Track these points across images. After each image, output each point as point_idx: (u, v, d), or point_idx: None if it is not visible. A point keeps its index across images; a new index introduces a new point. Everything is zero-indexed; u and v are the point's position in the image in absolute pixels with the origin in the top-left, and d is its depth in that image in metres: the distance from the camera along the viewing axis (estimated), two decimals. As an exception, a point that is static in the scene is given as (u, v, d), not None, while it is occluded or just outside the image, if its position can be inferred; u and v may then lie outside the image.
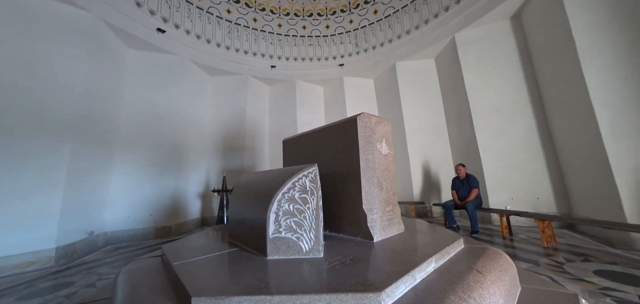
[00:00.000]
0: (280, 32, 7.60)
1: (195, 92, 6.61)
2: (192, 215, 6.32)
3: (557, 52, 4.04)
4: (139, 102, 5.53)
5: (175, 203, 5.81)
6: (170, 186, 5.72)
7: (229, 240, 2.23)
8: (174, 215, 5.70)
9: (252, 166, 7.27)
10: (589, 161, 3.70)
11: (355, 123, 2.16)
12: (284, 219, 1.67)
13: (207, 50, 6.44)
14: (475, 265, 1.54)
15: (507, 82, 5.01)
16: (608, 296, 2.01)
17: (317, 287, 1.12)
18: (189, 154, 6.32)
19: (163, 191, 5.60)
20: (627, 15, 3.24)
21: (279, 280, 1.25)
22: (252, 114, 7.36)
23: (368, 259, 1.55)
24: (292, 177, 1.71)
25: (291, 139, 3.16)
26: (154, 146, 5.56)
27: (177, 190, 5.89)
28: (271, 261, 1.56)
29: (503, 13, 4.99)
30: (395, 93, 6.92)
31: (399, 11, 6.75)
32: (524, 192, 4.72)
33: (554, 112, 4.41)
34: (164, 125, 5.74)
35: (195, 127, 6.59)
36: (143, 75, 5.64)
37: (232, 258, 1.70)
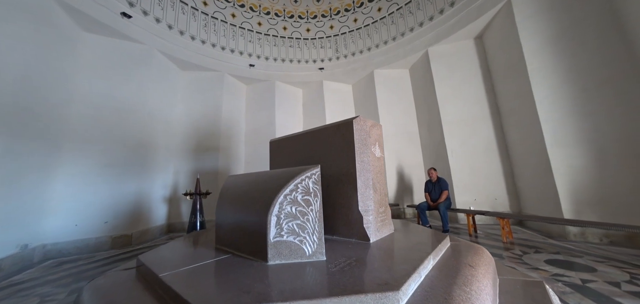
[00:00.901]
0: (260, 30, 7.40)
1: (165, 86, 6.05)
2: (156, 221, 5.73)
3: (511, 72, 4.65)
4: (95, 94, 4.86)
5: (137, 209, 5.20)
6: (132, 190, 5.11)
7: (216, 247, 2.09)
8: (135, 222, 5.09)
9: (227, 168, 6.89)
10: (535, 166, 4.32)
11: (351, 126, 2.20)
12: (286, 222, 1.61)
13: (179, 43, 5.96)
14: (466, 261, 1.68)
15: (471, 95, 5.60)
16: (559, 281, 2.36)
17: (335, 290, 1.11)
18: (156, 154, 5.75)
19: (123, 195, 4.98)
20: (567, 45, 3.89)
21: (291, 286, 1.20)
22: (228, 113, 7.00)
23: (372, 260, 1.58)
24: (295, 179, 1.67)
25: (279, 140, 3.09)
26: (113, 144, 4.93)
27: (141, 193, 5.29)
28: (273, 267, 1.50)
29: (468, 34, 5.58)
30: (373, 99, 7.22)
31: (378, 22, 7.10)
32: (485, 194, 5.30)
33: (509, 123, 5.05)
34: (126, 120, 5.13)
35: (164, 124, 6.03)
36: (102, 63, 4.98)
37: (228, 265, 1.59)
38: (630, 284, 2.24)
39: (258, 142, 7.59)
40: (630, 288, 2.17)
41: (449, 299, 1.12)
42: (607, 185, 3.54)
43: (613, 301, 1.96)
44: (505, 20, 4.65)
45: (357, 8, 7.40)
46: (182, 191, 6.32)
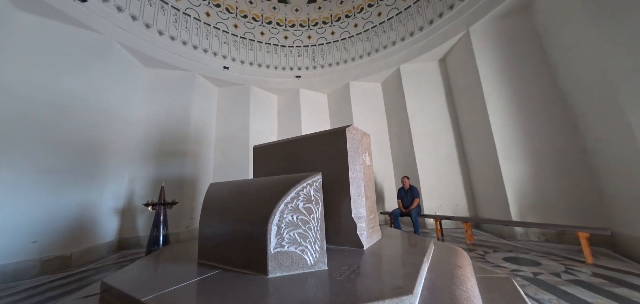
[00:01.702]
0: (236, 33, 7.15)
1: (125, 82, 5.38)
2: (104, 237, 4.93)
3: (470, 92, 5.32)
4: (29, 85, 4.07)
5: (79, 223, 4.42)
6: (74, 201, 4.34)
7: (200, 262, 1.89)
8: (75, 239, 4.30)
9: (195, 175, 6.35)
10: (489, 176, 4.95)
11: (344, 135, 2.25)
12: (287, 231, 1.56)
13: (145, 36, 5.40)
14: (453, 262, 1.82)
15: (436, 111, 6.22)
16: (517, 275, 2.70)
17: (353, 299, 1.10)
18: (109, 158, 5.02)
19: (61, 208, 4.19)
20: (512, 74, 4.63)
21: (304, 299, 1.16)
22: (198, 116, 6.51)
23: (374, 267, 1.62)
24: (296, 186, 1.63)
25: (265, 146, 2.99)
26: (51, 146, 4.15)
27: (85, 205, 4.52)
28: (275, 280, 1.42)
29: (434, 56, 6.24)
30: (348, 110, 7.49)
31: (354, 37, 7.48)
32: (448, 200, 5.85)
33: (467, 138, 5.73)
34: (73, 119, 4.40)
35: (122, 125, 5.32)
36: (42, 50, 4.22)
37: (221, 282, 1.45)
38: (567, 274, 2.68)
39: (229, 147, 7.20)
40: (567, 277, 2.60)
41: (454, 298, 1.21)
42: (543, 192, 4.24)
43: (558, 289, 2.32)
44: (464, 47, 5.33)
45: (335, 22, 7.69)
46: (139, 202, 5.62)
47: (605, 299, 2.08)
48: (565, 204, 4.04)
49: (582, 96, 3.78)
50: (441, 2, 5.59)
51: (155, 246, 4.10)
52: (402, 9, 6.50)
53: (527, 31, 4.57)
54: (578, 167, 3.99)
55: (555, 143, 4.21)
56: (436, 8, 5.73)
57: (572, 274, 2.67)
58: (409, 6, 6.37)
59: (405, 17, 6.44)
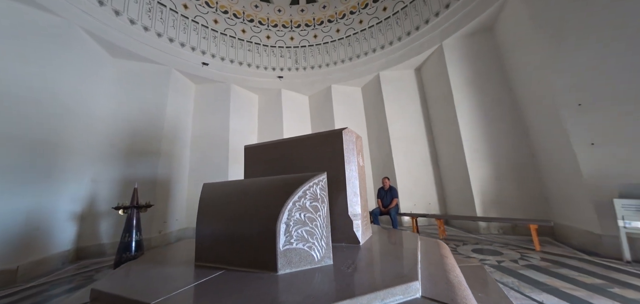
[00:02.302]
0: (216, 29, 6.87)
1: (88, 73, 4.84)
2: (58, 247, 4.35)
3: (441, 100, 5.85)
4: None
5: (27, 231, 3.86)
6: (22, 206, 3.80)
7: (197, 264, 1.84)
8: (22, 251, 3.73)
9: (168, 175, 5.95)
10: (457, 176, 5.49)
11: (341, 137, 2.37)
12: (295, 229, 1.62)
13: (113, 24, 4.93)
14: (440, 253, 2.05)
15: (412, 116, 6.70)
16: (485, 264, 3.08)
17: (366, 288, 1.21)
18: (68, 157, 4.48)
19: (5, 214, 3.63)
20: (477, 87, 5.23)
21: (324, 290, 1.24)
22: (174, 113, 6.11)
23: (375, 259, 1.75)
24: (303, 185, 1.70)
25: (256, 146, 2.98)
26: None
27: (37, 210, 3.97)
28: (286, 276, 1.48)
29: (411, 65, 6.72)
30: (330, 112, 7.67)
31: (336, 41, 7.69)
32: (421, 199, 6.33)
33: (439, 142, 6.28)
34: (23, 112, 3.85)
35: (83, 120, 4.78)
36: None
37: (231, 281, 1.46)
38: (523, 260, 3.14)
39: (207, 147, 6.88)
40: (523, 262, 3.04)
41: (449, 283, 1.39)
42: (501, 190, 4.85)
43: (517, 273, 2.71)
44: (438, 59, 5.85)
45: (317, 25, 7.83)
46: (102, 205, 5.10)
47: (552, 278, 2.51)
48: (517, 200, 4.68)
49: (531, 108, 4.43)
50: (418, 16, 6.07)
51: (127, 253, 3.76)
52: (382, 19, 6.89)
53: (491, 49, 5.20)
54: (528, 169, 4.66)
55: (510, 147, 4.85)
56: (413, 21, 6.19)
57: (526, 260, 3.13)
58: (388, 17, 6.77)
59: (385, 26, 6.84)
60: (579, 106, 3.41)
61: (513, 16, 4.46)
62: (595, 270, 2.62)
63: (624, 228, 2.78)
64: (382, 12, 6.91)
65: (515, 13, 4.38)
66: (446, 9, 5.41)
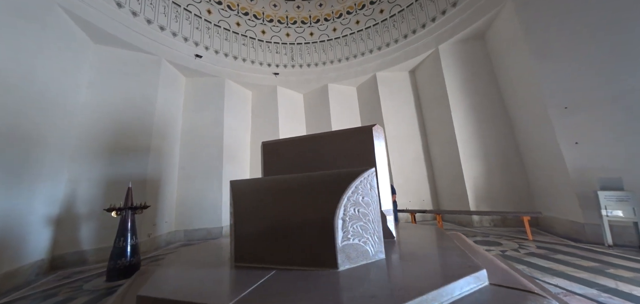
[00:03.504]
0: (210, 20, 6.52)
1: (66, 58, 4.30)
2: (31, 256, 3.81)
3: (436, 102, 6.16)
4: None
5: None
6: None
7: (237, 264, 1.74)
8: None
9: (158, 173, 5.52)
10: (451, 173, 5.82)
11: (371, 132, 2.39)
12: (351, 224, 1.60)
13: (97, 5, 4.44)
14: (466, 242, 2.16)
15: (406, 116, 6.96)
16: (490, 254, 3.31)
17: (440, 281, 1.23)
18: (42, 153, 3.97)
19: None
20: (470, 89, 5.59)
21: (403, 283, 1.24)
22: (164, 107, 5.68)
23: (424, 252, 1.79)
24: (354, 181, 1.69)
25: (276, 143, 2.89)
26: None
27: (5, 215, 3.45)
28: (348, 272, 1.46)
29: (405, 67, 6.98)
30: (326, 111, 7.68)
31: (332, 40, 7.72)
32: (415, 195, 6.61)
33: (432, 141, 6.60)
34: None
35: (60, 111, 4.24)
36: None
37: (293, 281, 1.40)
38: (522, 249, 3.42)
39: (198, 144, 6.51)
40: (524, 251, 3.32)
41: (502, 269, 1.47)
42: (491, 185, 5.24)
43: (524, 260, 2.95)
44: (433, 63, 6.15)
45: (314, 23, 7.78)
46: (82, 207, 4.59)
47: (554, 263, 2.78)
48: (506, 195, 5.09)
49: (519, 110, 4.85)
50: (415, 20, 6.32)
51: (122, 259, 3.42)
52: (379, 20, 7.06)
53: (482, 54, 5.60)
54: (515, 165, 5.10)
55: (499, 146, 5.26)
56: (410, 25, 6.43)
57: (525, 249, 3.42)
58: (385, 19, 6.96)
59: (382, 28, 7.02)
60: (565, 109, 3.80)
61: (504, 26, 4.84)
62: (587, 254, 2.96)
63: (606, 217, 3.17)
64: (379, 14, 7.08)
65: (506, 23, 4.76)
66: (442, 15, 5.70)
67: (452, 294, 1.14)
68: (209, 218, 6.23)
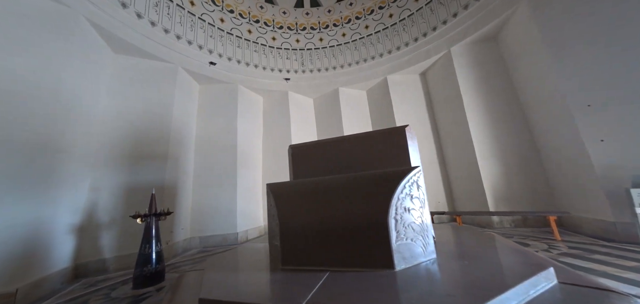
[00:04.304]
0: (223, 28, 6.62)
1: (88, 68, 4.37)
2: (57, 264, 3.82)
3: (450, 103, 6.16)
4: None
5: (25, 248, 3.37)
6: (21, 219, 3.32)
7: (284, 268, 1.73)
8: (21, 270, 3.26)
9: (175, 180, 5.54)
10: (467, 174, 5.77)
11: (404, 133, 2.39)
12: (402, 224, 1.59)
13: (120, 16, 4.53)
14: (501, 240, 2.12)
15: (418, 118, 6.95)
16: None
17: (510, 280, 1.21)
18: (66, 163, 4.00)
19: (1, 230, 3.15)
20: (484, 89, 5.58)
21: (467, 285, 1.22)
22: (180, 114, 5.73)
23: (475, 253, 1.76)
24: (402, 179, 1.68)
25: (304, 146, 2.89)
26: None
27: (34, 224, 3.48)
28: (405, 272, 1.44)
29: (416, 70, 7.01)
30: (337, 115, 7.70)
31: (342, 45, 7.79)
32: (431, 198, 6.55)
33: (446, 142, 6.57)
34: (18, 109, 3.37)
35: (83, 120, 4.30)
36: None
37: (351, 282, 1.38)
38: (553, 249, 3.36)
39: (212, 150, 6.54)
40: (555, 251, 3.25)
41: (564, 268, 1.44)
42: (510, 185, 5.18)
43: (559, 260, 2.89)
44: (445, 64, 6.17)
45: (323, 29, 7.88)
46: (103, 215, 4.60)
47: (593, 263, 2.71)
48: (525, 194, 5.03)
49: (537, 109, 4.83)
50: (425, 23, 6.37)
51: (148, 266, 3.40)
52: (389, 25, 7.13)
53: (495, 55, 5.61)
54: (533, 165, 5.04)
55: (517, 145, 5.23)
56: (420, 28, 6.48)
57: (556, 249, 3.36)
58: (395, 23, 7.02)
59: (392, 32, 7.08)
60: (588, 107, 3.78)
61: (519, 27, 4.86)
62: (626, 254, 2.89)
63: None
64: (388, 18, 7.15)
65: (521, 24, 4.78)
66: (454, 18, 5.74)
67: (528, 293, 1.12)
68: (224, 224, 6.21)
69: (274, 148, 7.64)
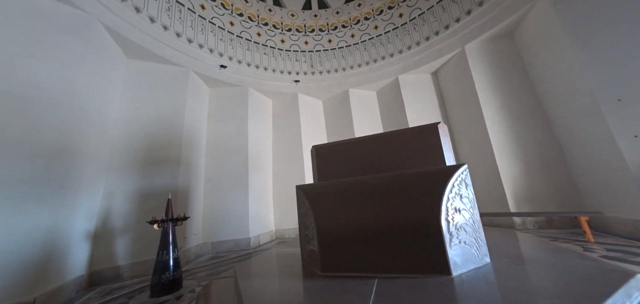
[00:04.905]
0: (232, 31, 6.61)
1: (103, 73, 4.35)
2: (72, 272, 3.74)
3: (465, 102, 6.03)
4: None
5: (43, 256, 3.31)
6: (40, 225, 3.27)
7: (324, 274, 1.62)
8: (39, 278, 3.19)
9: (187, 185, 5.47)
10: (485, 173, 5.61)
11: (437, 131, 2.28)
12: (454, 226, 1.48)
13: (133, 21, 4.53)
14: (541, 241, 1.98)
15: (431, 118, 6.82)
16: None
17: (600, 290, 1.09)
18: (82, 168, 3.95)
19: (19, 236, 3.09)
20: (502, 86, 5.45)
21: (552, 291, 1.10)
22: (192, 119, 5.69)
23: (523, 254, 1.64)
24: (450, 178, 1.56)
25: (328, 146, 2.79)
26: (3, 151, 3.05)
27: (52, 230, 3.43)
28: (463, 278, 1.32)
29: (428, 69, 6.91)
30: (348, 116, 7.61)
31: (351, 46, 7.73)
32: (446, 199, 6.38)
33: (461, 142, 6.43)
34: (35, 114, 3.34)
35: (98, 124, 4.26)
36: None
37: (408, 289, 1.27)
38: (589, 252, 3.19)
39: (222, 155, 6.47)
40: (593, 255, 3.08)
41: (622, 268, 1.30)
42: (532, 184, 5.01)
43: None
44: (459, 62, 6.05)
45: (332, 30, 7.83)
46: (116, 220, 4.53)
47: (635, 266, 2.54)
48: (548, 194, 4.86)
49: (560, 105, 4.68)
50: (437, 22, 6.28)
51: (166, 274, 3.31)
52: (399, 25, 7.05)
53: (511, 52, 5.49)
54: (556, 163, 4.88)
55: (537, 143, 5.07)
56: (432, 27, 6.39)
57: (593, 251, 3.18)
58: (405, 23, 6.95)
59: (402, 32, 7.00)
60: (618, 101, 3.63)
61: (538, 21, 4.74)
62: (669, 254, 2.72)
63: (681, 213, 2.93)
64: (398, 18, 7.08)
65: (540, 18, 4.67)
66: (467, 15, 5.65)
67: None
68: (236, 229, 6.12)
69: (284, 151, 7.57)
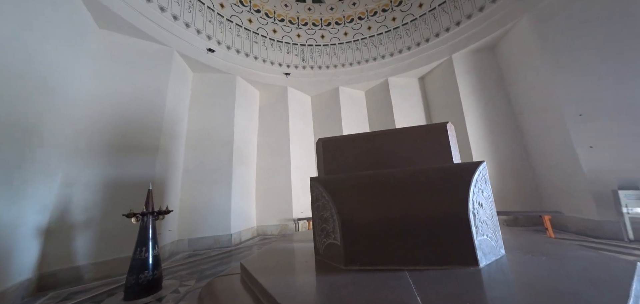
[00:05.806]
0: (222, 13, 6.19)
1: (69, 43, 3.75)
2: (16, 275, 3.15)
3: (448, 108, 6.42)
4: None
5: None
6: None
7: (348, 268, 1.57)
8: None
9: (164, 177, 5.00)
10: (463, 177, 6.04)
11: (445, 130, 2.36)
12: (479, 219, 1.53)
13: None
14: (547, 236, 2.18)
15: (417, 121, 7.15)
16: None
17: (622, 279, 1.20)
18: (36, 150, 3.36)
19: None
20: (482, 95, 5.90)
21: (573, 283, 1.19)
22: (174, 103, 5.20)
23: (528, 246, 1.77)
24: (473, 174, 1.62)
25: (335, 139, 2.74)
26: None
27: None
28: (489, 269, 1.38)
29: (415, 74, 7.21)
30: (337, 114, 7.63)
31: (343, 44, 7.75)
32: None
33: (442, 146, 6.83)
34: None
35: (60, 101, 3.66)
36: None
37: (444, 280, 1.28)
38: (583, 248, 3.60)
39: (205, 145, 6.05)
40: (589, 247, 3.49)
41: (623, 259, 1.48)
42: (503, 187, 5.52)
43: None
44: (446, 70, 6.42)
45: (325, 26, 7.77)
46: (78, 214, 3.97)
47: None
48: (516, 196, 5.40)
49: (531, 116, 5.21)
50: (428, 29, 6.58)
51: (145, 273, 2.96)
52: (391, 28, 7.25)
53: (492, 64, 5.97)
54: (524, 168, 5.43)
55: (510, 149, 5.60)
56: (423, 33, 6.68)
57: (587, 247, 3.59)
58: (397, 27, 7.16)
59: (394, 35, 7.21)
60: (580, 116, 4.15)
61: (519, 38, 5.22)
62: (618, 249, 3.18)
63: (627, 214, 3.46)
64: (391, 21, 7.27)
65: (521, 36, 5.14)
66: (457, 26, 6.01)
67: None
68: (216, 225, 5.76)
69: (269, 145, 7.32)
